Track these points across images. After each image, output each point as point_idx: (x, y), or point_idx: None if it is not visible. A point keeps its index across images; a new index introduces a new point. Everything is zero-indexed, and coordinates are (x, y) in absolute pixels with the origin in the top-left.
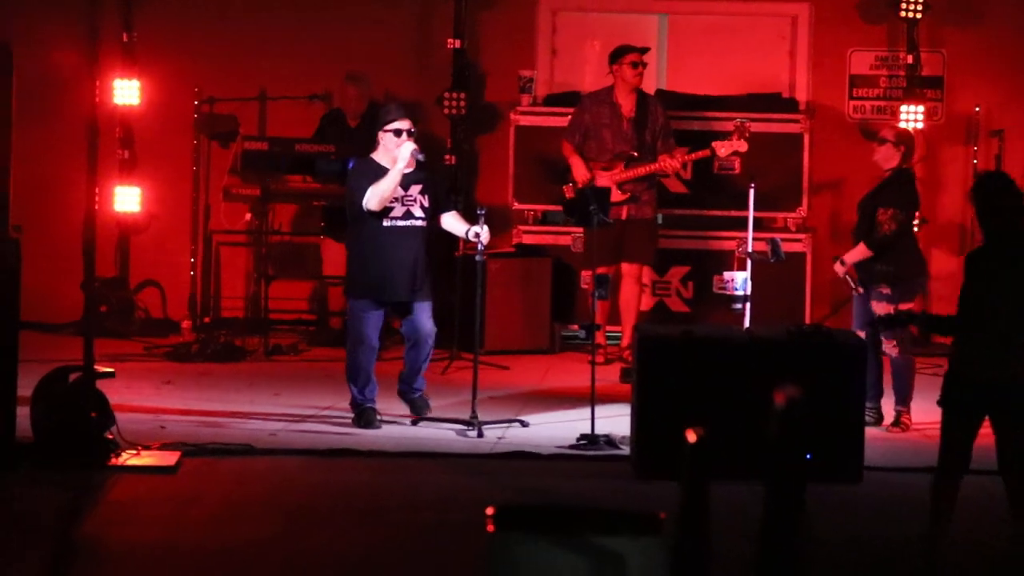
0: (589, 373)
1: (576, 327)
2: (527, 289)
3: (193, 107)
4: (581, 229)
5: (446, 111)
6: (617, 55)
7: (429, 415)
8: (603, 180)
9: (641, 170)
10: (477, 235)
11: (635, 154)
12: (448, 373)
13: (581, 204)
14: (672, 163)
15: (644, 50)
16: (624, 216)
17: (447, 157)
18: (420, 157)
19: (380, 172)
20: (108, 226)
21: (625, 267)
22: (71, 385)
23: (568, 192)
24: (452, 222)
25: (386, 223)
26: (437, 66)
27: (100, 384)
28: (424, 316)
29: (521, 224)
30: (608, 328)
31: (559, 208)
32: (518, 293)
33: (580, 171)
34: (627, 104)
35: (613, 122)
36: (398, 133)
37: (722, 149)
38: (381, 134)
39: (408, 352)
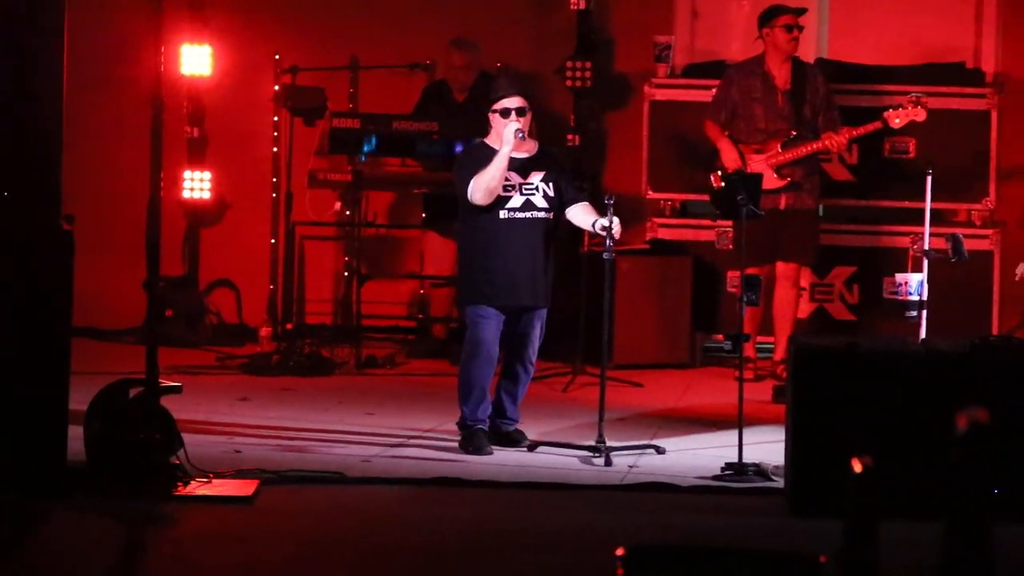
0: (736, 391)
1: (721, 338)
2: (663, 293)
3: (273, 78)
4: (728, 223)
5: (568, 83)
6: (768, 17)
7: (549, 440)
8: (757, 165)
9: (801, 150)
10: (605, 228)
11: (793, 132)
12: (570, 391)
13: (727, 192)
14: (837, 140)
15: (800, 11)
16: (782, 206)
17: (569, 137)
18: (520, 135)
19: (491, 158)
20: (174, 216)
21: (780, 267)
22: (131, 401)
23: (716, 181)
24: (579, 215)
25: (503, 215)
26: (558, 30)
27: (165, 400)
28: (538, 327)
29: (656, 216)
30: (759, 339)
31: (703, 198)
32: (653, 297)
33: (729, 155)
34: (781, 75)
35: (766, 96)
36: (505, 113)
37: (896, 119)
38: (490, 115)
39: (508, 370)
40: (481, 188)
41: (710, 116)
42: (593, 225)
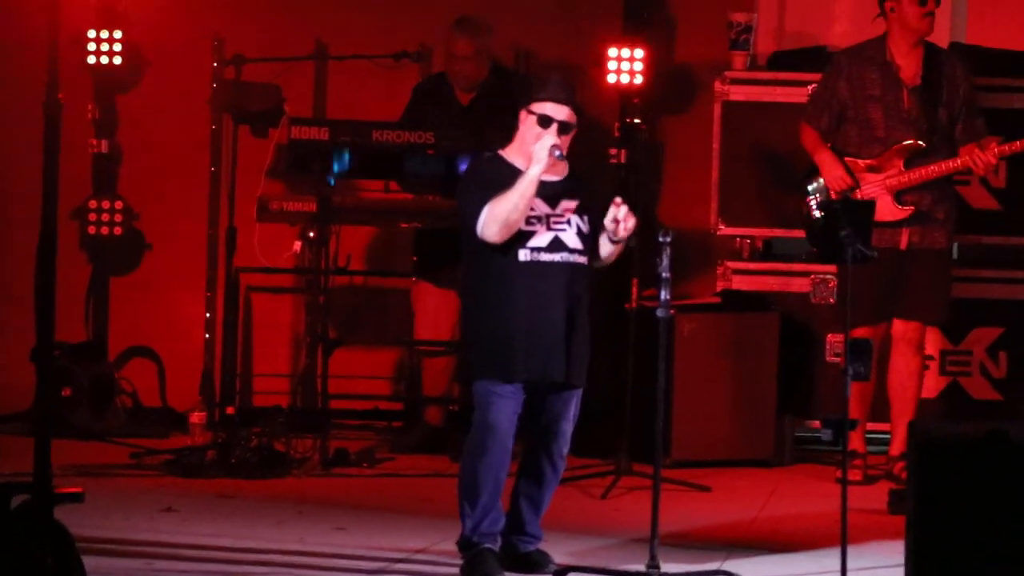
0: (838, 498)
1: (818, 425)
2: (740, 363)
3: (211, 72)
4: (829, 268)
5: (612, 78)
6: None
7: (584, 565)
8: (872, 188)
9: (932, 170)
10: (616, 221)
11: (922, 144)
12: (612, 496)
13: (827, 227)
14: (983, 158)
15: None
16: (903, 245)
17: (612, 152)
18: (557, 153)
19: (510, 178)
20: (74, 261)
21: (899, 328)
22: (14, 514)
23: (813, 209)
24: (600, 246)
25: (523, 256)
26: (599, 5)
27: (60, 512)
28: (571, 410)
29: (730, 259)
30: (870, 427)
31: (794, 234)
32: (725, 370)
33: (832, 173)
34: (909, 65)
35: (887, 93)
36: (545, 122)
37: None
38: (524, 113)
39: (529, 469)
40: (499, 219)
41: (808, 120)
42: (606, 232)
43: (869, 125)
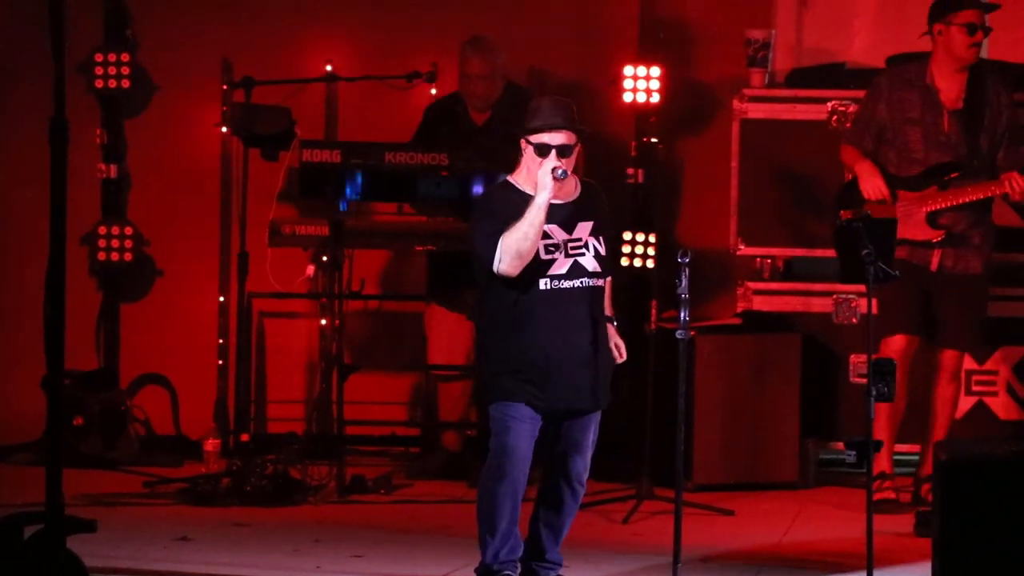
0: (863, 521)
1: (842, 447)
2: (762, 385)
3: (220, 95)
4: (852, 287)
5: (629, 97)
6: (944, 9)
7: None
8: (906, 204)
9: (968, 192)
10: (617, 349)
11: (957, 169)
12: (633, 521)
13: (846, 243)
14: (1021, 183)
15: (992, 7)
16: (933, 267)
17: (629, 171)
18: (560, 173)
19: (521, 206)
20: (85, 287)
21: (937, 355)
22: (26, 545)
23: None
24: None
25: (543, 285)
26: (614, 24)
27: (73, 542)
28: (591, 434)
29: (751, 280)
30: (898, 448)
31: (816, 253)
32: (747, 391)
33: (871, 182)
34: (951, 88)
35: (926, 116)
36: (542, 150)
37: None
38: (523, 144)
39: (548, 494)
40: (511, 251)
41: (849, 140)
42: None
43: (907, 148)
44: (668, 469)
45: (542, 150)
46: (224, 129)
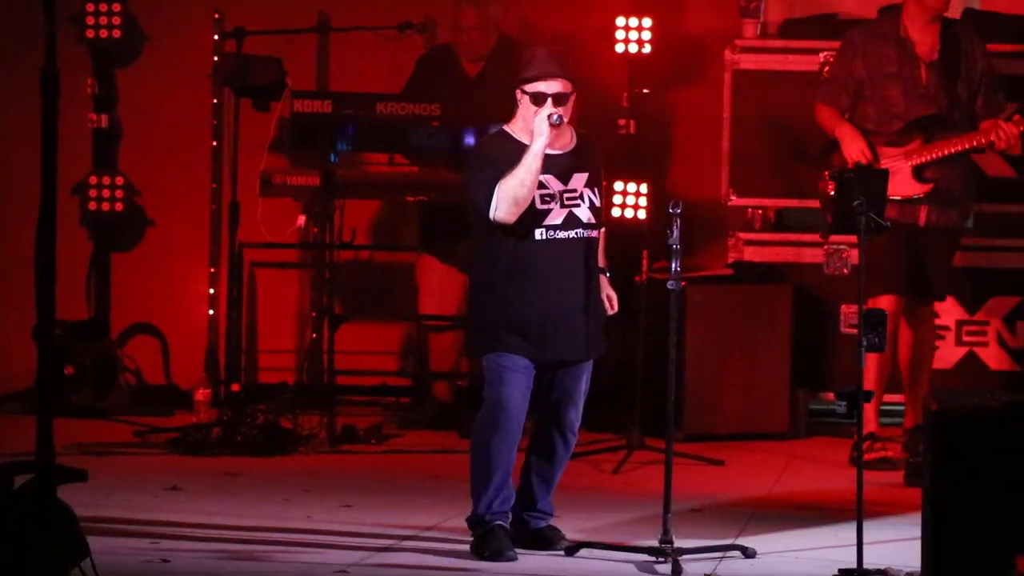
0: (853, 471)
1: (832, 397)
2: (752, 335)
3: (212, 45)
4: (843, 238)
5: (621, 48)
6: None
7: (595, 540)
8: (891, 162)
9: (953, 144)
10: (609, 300)
11: (940, 121)
12: (624, 471)
13: (840, 196)
14: (1007, 131)
15: None
16: (921, 222)
17: (621, 122)
18: (556, 119)
19: (517, 155)
20: (75, 238)
21: (912, 304)
22: (17, 494)
23: (831, 187)
24: None
25: (539, 235)
26: None
27: (63, 492)
28: (583, 384)
29: (742, 230)
30: (887, 399)
31: (807, 203)
32: (737, 342)
33: (853, 146)
34: (925, 40)
35: (904, 70)
36: (537, 99)
37: None
38: (518, 94)
39: (540, 444)
40: (508, 199)
41: (824, 99)
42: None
43: (887, 103)
44: (659, 419)
45: (538, 99)
46: (215, 79)
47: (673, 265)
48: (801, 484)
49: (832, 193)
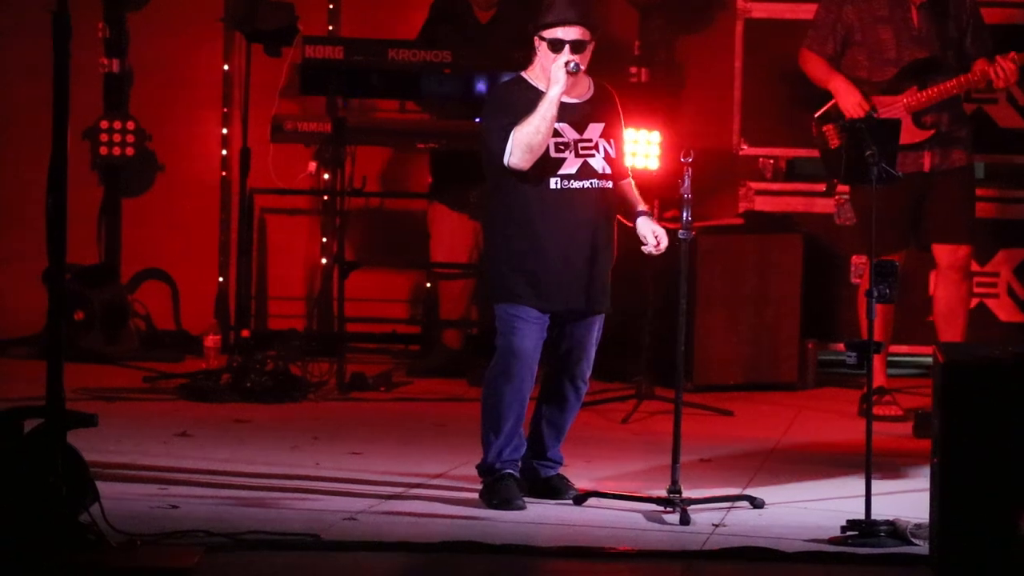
0: (862, 421)
1: (842, 347)
2: (763, 286)
3: None
4: (849, 188)
5: None
6: None
7: (604, 490)
8: (889, 111)
9: (950, 86)
10: (656, 237)
11: (934, 61)
12: (633, 421)
13: (851, 146)
14: (1007, 67)
15: None
16: (927, 167)
17: (632, 71)
18: (572, 67)
19: (533, 101)
20: (86, 182)
21: (944, 253)
22: (27, 439)
23: (831, 136)
24: (619, 203)
25: (553, 184)
26: None
27: (73, 437)
28: (595, 335)
29: (752, 180)
30: (895, 349)
31: (815, 153)
32: (747, 293)
33: (849, 98)
34: None
35: (895, 12)
36: (555, 46)
37: None
38: (536, 40)
39: (551, 393)
40: (522, 145)
41: (811, 46)
42: (635, 223)
43: (879, 47)
44: (668, 369)
45: (556, 45)
46: (227, 24)
47: (684, 214)
48: (810, 435)
49: (839, 144)
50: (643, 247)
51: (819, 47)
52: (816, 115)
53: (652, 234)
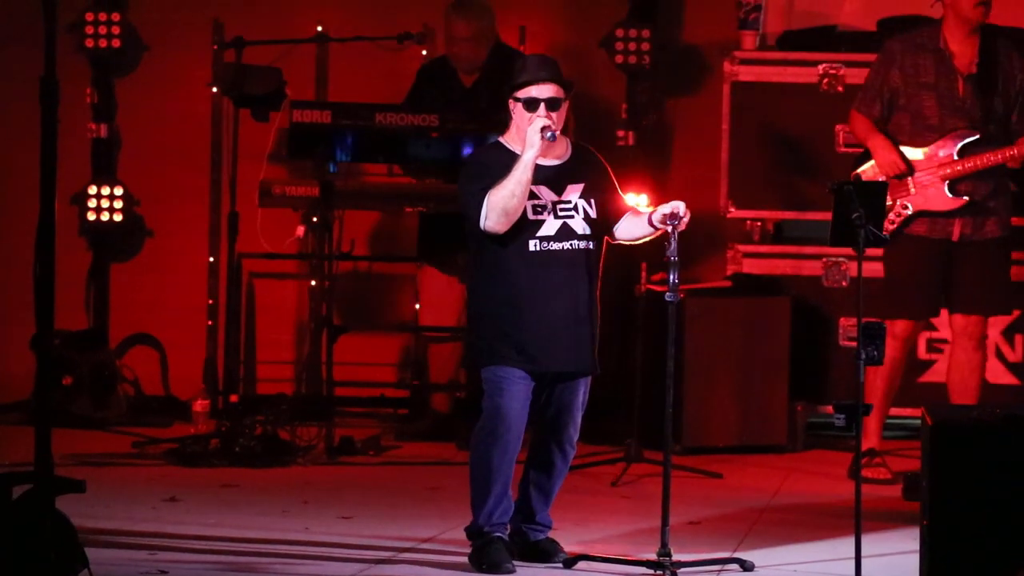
0: (852, 484)
1: (831, 410)
2: (751, 348)
3: (211, 55)
4: (841, 251)
5: (619, 59)
6: None
7: (594, 553)
8: (925, 175)
9: (987, 159)
10: (676, 215)
11: (976, 134)
12: (623, 484)
13: (839, 209)
14: None
15: None
16: (955, 236)
17: (620, 134)
18: (549, 135)
19: (510, 165)
20: (74, 247)
21: (959, 322)
22: (15, 505)
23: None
24: (629, 226)
25: (533, 246)
26: None
27: (61, 502)
28: (581, 397)
29: (740, 242)
30: (895, 411)
31: (807, 215)
32: (736, 355)
33: (886, 157)
34: (964, 53)
35: (941, 81)
36: (530, 105)
37: None
38: (511, 103)
39: (538, 457)
40: (497, 209)
41: (860, 108)
42: (651, 222)
43: (922, 114)
44: (657, 432)
45: (531, 104)
46: (215, 89)
47: (671, 277)
48: (799, 497)
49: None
50: (668, 227)
51: (866, 109)
52: (853, 173)
53: (670, 209)
